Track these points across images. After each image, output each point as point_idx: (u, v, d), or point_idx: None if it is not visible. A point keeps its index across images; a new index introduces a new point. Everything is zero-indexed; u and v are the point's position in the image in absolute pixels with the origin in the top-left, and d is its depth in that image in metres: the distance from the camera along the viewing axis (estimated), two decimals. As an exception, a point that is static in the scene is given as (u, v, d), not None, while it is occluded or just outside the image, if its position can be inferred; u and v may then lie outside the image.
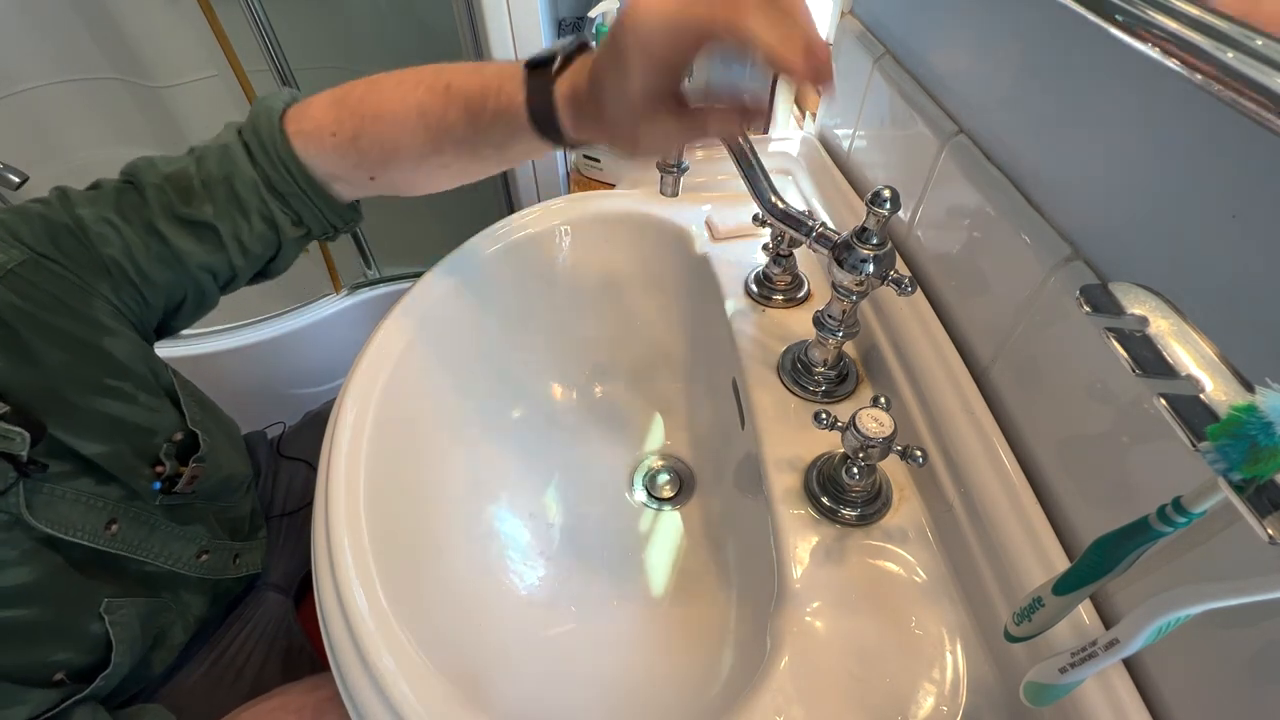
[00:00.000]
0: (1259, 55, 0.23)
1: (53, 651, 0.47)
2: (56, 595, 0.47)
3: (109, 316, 0.48)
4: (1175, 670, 0.31)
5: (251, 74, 1.08)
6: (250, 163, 0.48)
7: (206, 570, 0.58)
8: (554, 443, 0.67)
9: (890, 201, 0.41)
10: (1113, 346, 0.23)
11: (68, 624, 0.48)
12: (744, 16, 0.33)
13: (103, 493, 0.49)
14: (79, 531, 0.47)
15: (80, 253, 0.46)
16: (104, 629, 0.49)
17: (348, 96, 0.48)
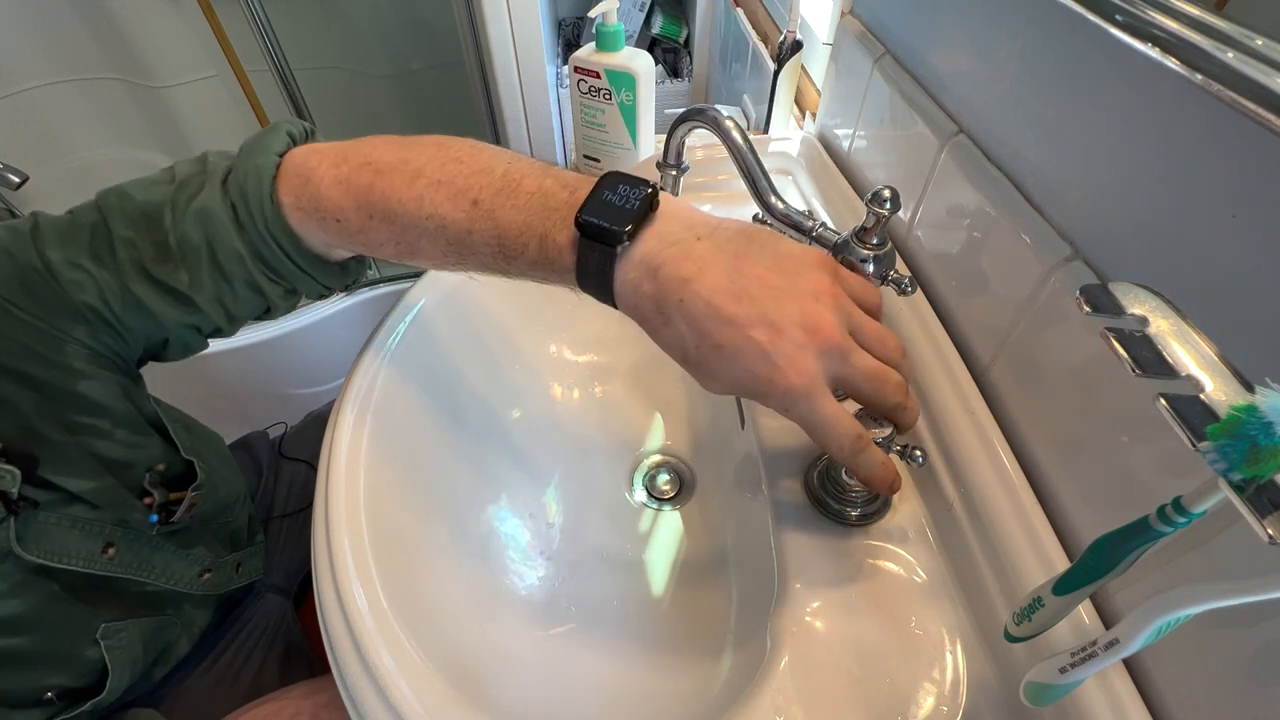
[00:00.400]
0: (1259, 55, 0.23)
1: (45, 677, 0.46)
2: (50, 623, 0.46)
3: (83, 361, 0.44)
4: (1175, 670, 0.31)
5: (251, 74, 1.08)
6: (236, 231, 0.41)
7: (210, 588, 0.58)
8: (554, 443, 0.67)
9: (890, 201, 0.41)
10: (1113, 346, 0.23)
11: (62, 651, 0.47)
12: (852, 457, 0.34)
13: (98, 517, 0.47)
14: (74, 559, 0.46)
15: (51, 299, 0.42)
16: (100, 654, 0.48)
17: (355, 179, 0.40)
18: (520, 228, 0.36)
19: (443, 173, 0.39)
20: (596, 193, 0.35)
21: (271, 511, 0.75)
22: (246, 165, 0.41)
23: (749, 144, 0.50)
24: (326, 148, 0.42)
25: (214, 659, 0.63)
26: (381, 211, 0.39)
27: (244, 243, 0.42)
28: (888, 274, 0.44)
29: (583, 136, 0.86)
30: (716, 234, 0.35)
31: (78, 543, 0.46)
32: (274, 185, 0.40)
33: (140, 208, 0.42)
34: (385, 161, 0.40)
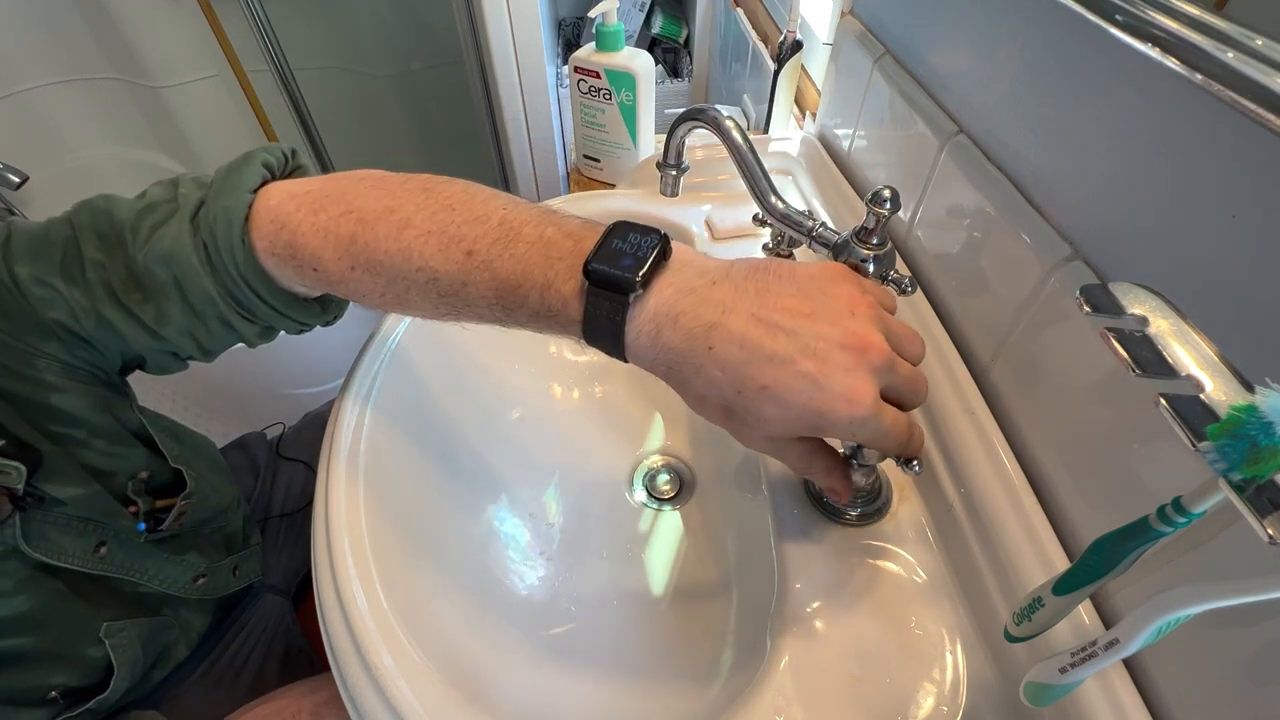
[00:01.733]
0: (1259, 55, 0.23)
1: (50, 675, 0.47)
2: (55, 621, 0.46)
3: (56, 375, 0.43)
4: (1175, 670, 0.31)
5: (251, 74, 1.08)
6: (207, 273, 0.39)
7: (205, 593, 0.57)
8: (554, 443, 0.67)
9: (890, 201, 0.41)
10: (1113, 346, 0.23)
11: (68, 649, 0.47)
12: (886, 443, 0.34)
13: (91, 514, 0.47)
14: (70, 557, 0.46)
15: (20, 315, 0.41)
16: (104, 652, 0.48)
17: (336, 230, 0.37)
18: (519, 278, 0.34)
19: (433, 222, 0.36)
20: (605, 241, 0.33)
21: (269, 512, 0.75)
22: (216, 206, 0.38)
23: (749, 144, 0.50)
24: (303, 190, 0.39)
25: (213, 660, 0.63)
26: (366, 263, 0.37)
27: (215, 284, 0.40)
28: (888, 274, 0.44)
29: (583, 136, 0.86)
30: (732, 275, 0.33)
31: (72, 541, 0.46)
32: (245, 228, 0.38)
33: (113, 228, 0.40)
34: (369, 210, 0.37)
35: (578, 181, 0.91)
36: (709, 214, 0.68)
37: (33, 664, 0.46)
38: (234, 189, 0.39)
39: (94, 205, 0.41)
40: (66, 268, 0.40)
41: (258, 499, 0.75)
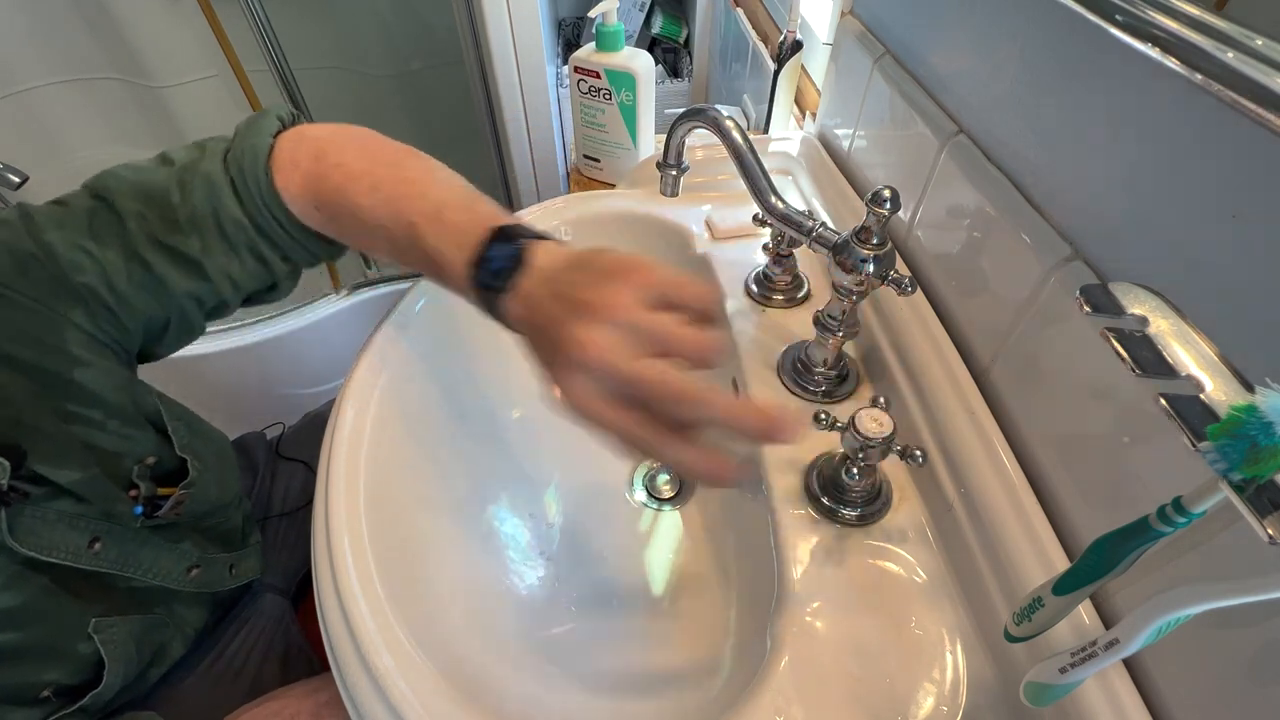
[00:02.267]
0: (1259, 55, 0.23)
1: (41, 672, 0.47)
2: (45, 617, 0.46)
3: (81, 346, 0.45)
4: (1175, 670, 0.31)
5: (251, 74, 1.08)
6: (237, 202, 0.45)
7: (199, 585, 0.57)
8: (554, 442, 0.67)
9: (890, 201, 0.41)
10: (1113, 346, 0.23)
11: (58, 646, 0.47)
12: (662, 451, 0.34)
13: (84, 511, 0.47)
14: (61, 552, 0.46)
15: (50, 282, 0.43)
16: (94, 648, 0.48)
17: (328, 179, 0.45)
18: (438, 255, 0.42)
19: (394, 190, 0.44)
20: (488, 247, 0.40)
21: (269, 511, 0.75)
22: (243, 144, 0.46)
23: (749, 144, 0.50)
24: (312, 138, 0.47)
25: (213, 660, 0.63)
26: (347, 211, 0.45)
27: (244, 212, 0.46)
28: (888, 274, 0.44)
29: (583, 136, 0.86)
30: (558, 278, 0.38)
31: (64, 536, 0.46)
32: (268, 163, 0.45)
33: (143, 188, 0.45)
34: (354, 168, 0.45)
35: (578, 181, 0.91)
36: (709, 214, 0.68)
37: (23, 660, 0.46)
38: (258, 131, 0.46)
39: (112, 173, 0.46)
40: (95, 230, 0.44)
41: (257, 499, 0.75)
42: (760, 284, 0.61)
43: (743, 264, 0.63)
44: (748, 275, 0.62)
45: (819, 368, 0.52)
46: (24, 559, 0.44)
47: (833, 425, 0.42)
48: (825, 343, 0.50)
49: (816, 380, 0.52)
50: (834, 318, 0.49)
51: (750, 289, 0.61)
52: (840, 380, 0.53)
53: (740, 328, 0.58)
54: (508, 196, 1.17)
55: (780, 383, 0.53)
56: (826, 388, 0.52)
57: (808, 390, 0.52)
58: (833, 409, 0.46)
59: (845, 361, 0.54)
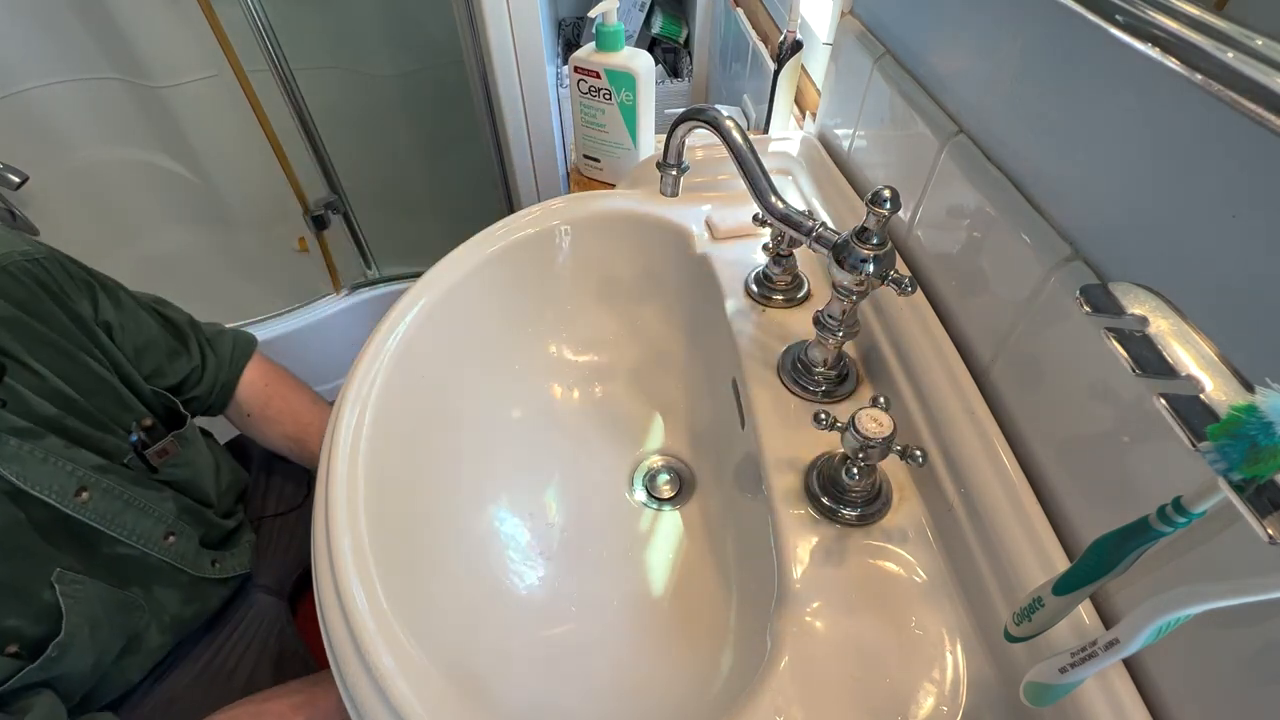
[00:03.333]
0: (1259, 55, 0.23)
1: (3, 614, 0.47)
2: (11, 551, 0.47)
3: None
4: (1175, 670, 0.31)
5: (251, 74, 1.08)
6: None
7: (175, 556, 0.58)
8: (554, 443, 0.67)
9: (890, 201, 0.41)
10: (1113, 346, 0.23)
11: (19, 585, 0.47)
12: None
13: (73, 456, 0.50)
14: (48, 490, 0.48)
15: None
16: (54, 598, 0.49)
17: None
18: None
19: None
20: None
21: (263, 511, 0.75)
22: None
23: (749, 144, 0.50)
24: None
25: (205, 661, 0.63)
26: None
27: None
28: (888, 274, 0.44)
29: (583, 136, 0.86)
30: None
31: (51, 476, 0.48)
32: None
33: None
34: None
35: (578, 181, 0.91)
36: (709, 214, 0.68)
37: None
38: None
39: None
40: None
41: (251, 497, 0.75)
42: (760, 284, 0.61)
43: (743, 264, 0.63)
44: (748, 275, 0.62)
45: (819, 368, 0.52)
46: (8, 489, 0.46)
47: (833, 425, 0.42)
48: (825, 342, 0.50)
49: (816, 380, 0.52)
50: (834, 318, 0.49)
51: (750, 289, 0.61)
52: (840, 380, 0.53)
53: (740, 328, 0.58)
54: (507, 196, 1.17)
55: (780, 383, 0.53)
56: (826, 388, 0.52)
57: (808, 390, 0.52)
58: (833, 409, 0.46)
59: (845, 361, 0.54)
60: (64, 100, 1.26)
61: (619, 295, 0.72)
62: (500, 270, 0.66)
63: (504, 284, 0.66)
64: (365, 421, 0.51)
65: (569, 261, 0.70)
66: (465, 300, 0.63)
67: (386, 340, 0.56)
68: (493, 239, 0.65)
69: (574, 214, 0.68)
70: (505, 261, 0.66)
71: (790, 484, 0.47)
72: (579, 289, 0.71)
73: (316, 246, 1.25)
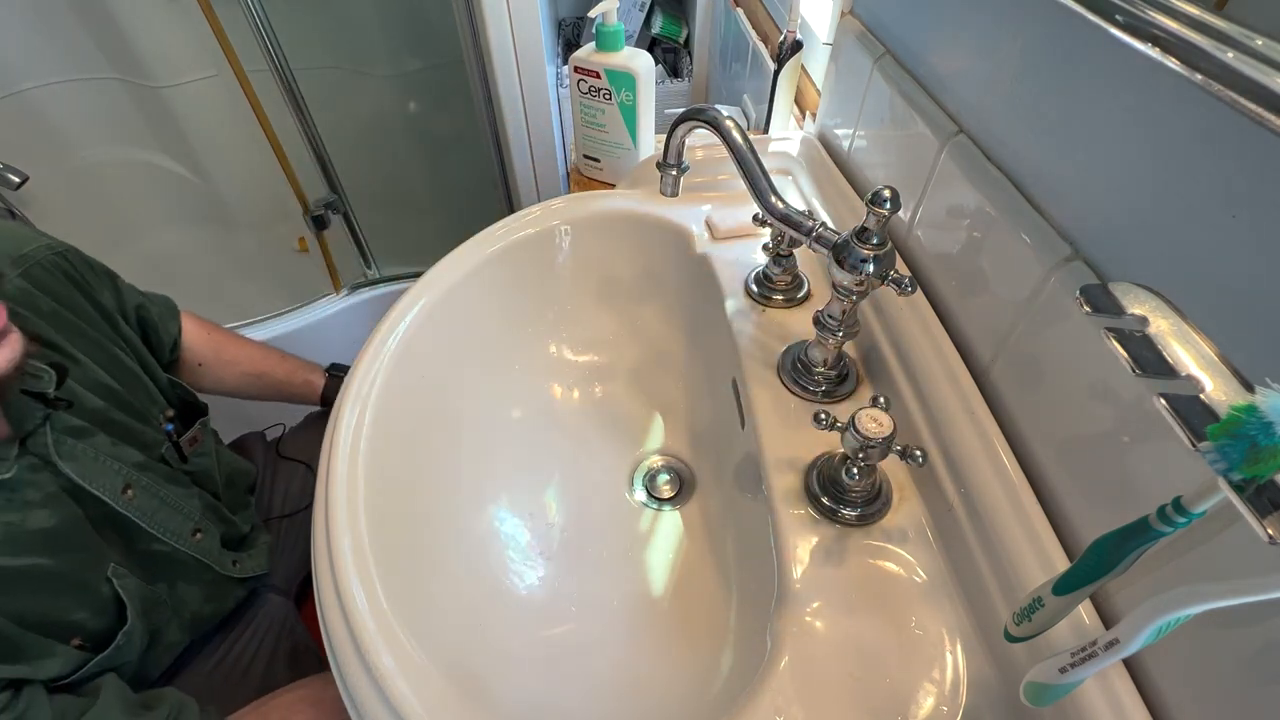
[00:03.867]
0: (1259, 55, 0.23)
1: (71, 608, 0.49)
2: (74, 547, 0.49)
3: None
4: (1175, 670, 0.31)
5: (251, 74, 1.08)
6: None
7: (201, 551, 0.60)
8: (554, 443, 0.67)
9: (890, 201, 0.41)
10: (1113, 346, 0.23)
11: (83, 580, 0.49)
12: None
13: (118, 454, 0.52)
14: (101, 487, 0.50)
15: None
16: (114, 591, 0.51)
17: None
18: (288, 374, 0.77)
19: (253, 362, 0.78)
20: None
21: (270, 513, 0.76)
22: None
23: (749, 144, 0.50)
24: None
25: (220, 657, 0.63)
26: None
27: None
28: (888, 274, 0.44)
29: (583, 136, 0.86)
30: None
31: (103, 474, 0.50)
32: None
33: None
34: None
35: (578, 181, 0.90)
36: (709, 214, 0.68)
37: (55, 589, 0.48)
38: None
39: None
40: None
41: (257, 499, 0.76)
42: (760, 284, 0.61)
43: (743, 264, 0.63)
44: (748, 275, 0.62)
45: (819, 367, 0.52)
46: (66, 485, 0.48)
47: (833, 425, 0.42)
48: (825, 342, 0.50)
49: (816, 380, 0.52)
50: (834, 318, 0.49)
51: (750, 289, 0.61)
52: (840, 380, 0.53)
53: (740, 328, 0.58)
54: (508, 196, 1.17)
55: (780, 383, 0.53)
56: (826, 387, 0.52)
57: (808, 390, 0.52)
58: (833, 409, 0.46)
59: (845, 361, 0.54)
60: (64, 100, 1.26)
61: (619, 295, 0.72)
62: (500, 270, 0.66)
63: (504, 284, 0.66)
64: (365, 421, 0.51)
65: (569, 261, 0.70)
66: (465, 300, 0.63)
67: (386, 340, 0.56)
68: (493, 239, 0.65)
69: (574, 214, 0.69)
70: (505, 261, 0.66)
71: (790, 484, 0.47)
72: (579, 289, 0.71)
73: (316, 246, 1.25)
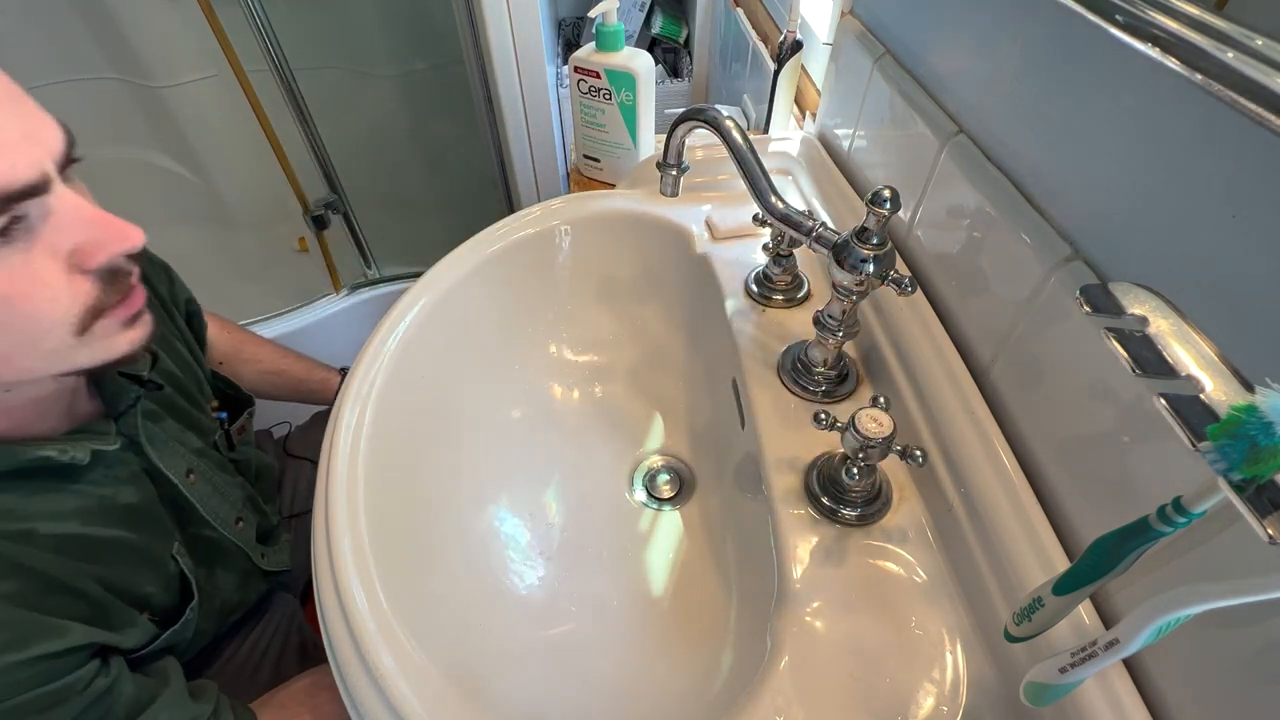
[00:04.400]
0: (1259, 55, 0.23)
1: (145, 581, 0.50)
2: (150, 524, 0.51)
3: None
4: (1175, 670, 0.31)
5: (251, 74, 1.08)
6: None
7: (242, 540, 0.61)
8: (554, 443, 0.67)
9: (890, 201, 0.41)
10: (1113, 346, 0.23)
11: (155, 557, 0.51)
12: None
13: (184, 440, 0.55)
14: (172, 470, 0.52)
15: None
16: (178, 569, 0.52)
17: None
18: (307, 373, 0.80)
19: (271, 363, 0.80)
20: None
21: (280, 512, 0.76)
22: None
23: (749, 144, 0.50)
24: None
25: (230, 654, 0.64)
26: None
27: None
28: (888, 274, 0.44)
29: (583, 136, 0.86)
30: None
31: (173, 458, 0.52)
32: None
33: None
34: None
35: (578, 181, 0.90)
36: (709, 214, 0.68)
37: (135, 562, 0.49)
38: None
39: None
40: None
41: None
42: (760, 284, 0.61)
43: (743, 264, 0.63)
44: (748, 275, 0.62)
45: (819, 367, 0.52)
46: (147, 466, 0.50)
47: (833, 425, 0.42)
48: (825, 342, 0.50)
49: (816, 380, 0.52)
50: (834, 318, 0.49)
51: (750, 289, 0.61)
52: (840, 380, 0.53)
53: (740, 327, 0.58)
54: (508, 196, 1.17)
55: (780, 383, 0.53)
56: (826, 388, 0.52)
57: (807, 390, 0.52)
58: (833, 409, 0.46)
59: (845, 361, 0.54)
60: (64, 100, 1.26)
61: (619, 295, 0.72)
62: (500, 270, 0.66)
63: (504, 284, 0.66)
64: (365, 421, 0.51)
65: (569, 261, 0.70)
66: (465, 300, 0.63)
67: (386, 340, 0.56)
68: (493, 239, 0.65)
69: (574, 214, 0.69)
70: (505, 261, 0.66)
71: (790, 484, 0.47)
72: (579, 289, 0.71)
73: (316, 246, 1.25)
